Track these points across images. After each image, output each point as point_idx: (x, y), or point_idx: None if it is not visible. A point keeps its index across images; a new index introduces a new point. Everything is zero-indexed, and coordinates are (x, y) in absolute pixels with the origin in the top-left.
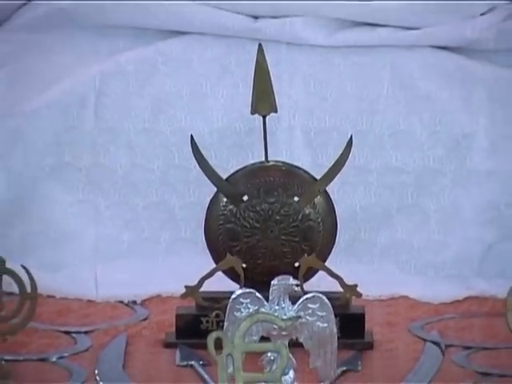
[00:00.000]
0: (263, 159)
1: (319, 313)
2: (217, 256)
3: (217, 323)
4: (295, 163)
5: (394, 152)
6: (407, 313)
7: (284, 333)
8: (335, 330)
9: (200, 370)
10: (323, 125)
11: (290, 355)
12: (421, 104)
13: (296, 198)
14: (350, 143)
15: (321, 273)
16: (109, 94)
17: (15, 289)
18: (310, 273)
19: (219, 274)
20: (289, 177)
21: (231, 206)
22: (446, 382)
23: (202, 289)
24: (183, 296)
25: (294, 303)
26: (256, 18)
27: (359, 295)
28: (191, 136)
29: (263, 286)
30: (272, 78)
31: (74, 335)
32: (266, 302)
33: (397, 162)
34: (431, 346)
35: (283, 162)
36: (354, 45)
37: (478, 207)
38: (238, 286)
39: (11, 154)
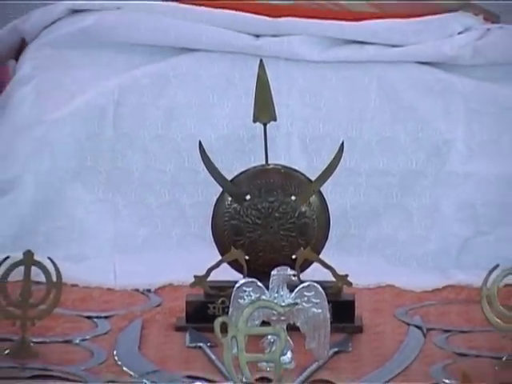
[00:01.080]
0: (264, 162)
1: (314, 300)
2: (222, 249)
3: (222, 309)
4: (292, 166)
5: (380, 156)
6: (393, 300)
7: (282, 318)
8: (328, 315)
9: (207, 351)
10: (317, 132)
11: (288, 338)
12: (405, 114)
13: (293, 198)
14: (341, 148)
15: (315, 264)
16: (126, 105)
17: (43, 278)
18: (305, 264)
19: (224, 265)
20: (287, 178)
21: (235, 205)
22: (427, 361)
23: (209, 278)
24: (192, 285)
25: (291, 291)
26: (257, 36)
27: (350, 284)
28: (199, 142)
29: (264, 276)
30: (272, 90)
31: (94, 320)
32: (266, 291)
33: (383, 166)
34: (414, 329)
35: (282, 165)
36: (345, 60)
37: (455, 206)
38: (241, 276)
39: (39, 159)
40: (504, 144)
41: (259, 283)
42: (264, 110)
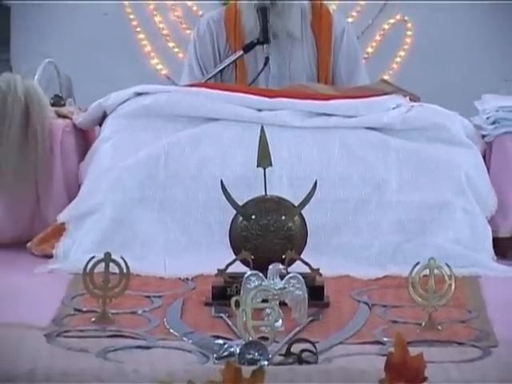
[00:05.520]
0: (264, 194)
1: (297, 285)
2: (236, 251)
3: (236, 291)
4: (283, 196)
5: (341, 189)
6: (349, 285)
7: (276, 297)
8: (306, 295)
9: (226, 319)
10: (299, 174)
11: (280, 310)
12: (357, 162)
13: (283, 217)
14: (315, 185)
15: (298, 261)
16: (173, 156)
17: (117, 270)
18: (291, 262)
19: (237, 262)
20: (279, 204)
21: (245, 222)
22: (372, 326)
23: (227, 271)
24: (216, 275)
25: (282, 279)
26: (260, 110)
27: (320, 275)
28: (221, 180)
29: (264, 270)
30: (269, 146)
31: (151, 298)
32: (265, 279)
33: (343, 196)
34: (363, 305)
35: (276, 196)
36: (318, 127)
37: (391, 222)
38: (248, 269)
39: (115, 191)
40: (421, 182)
41: (260, 274)
42: (264, 159)
